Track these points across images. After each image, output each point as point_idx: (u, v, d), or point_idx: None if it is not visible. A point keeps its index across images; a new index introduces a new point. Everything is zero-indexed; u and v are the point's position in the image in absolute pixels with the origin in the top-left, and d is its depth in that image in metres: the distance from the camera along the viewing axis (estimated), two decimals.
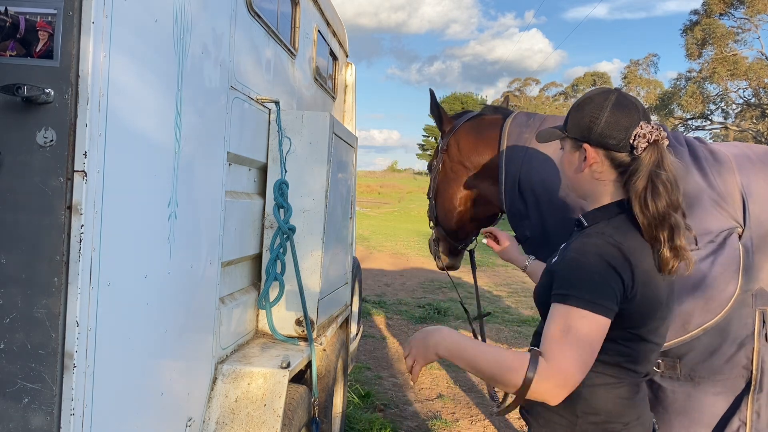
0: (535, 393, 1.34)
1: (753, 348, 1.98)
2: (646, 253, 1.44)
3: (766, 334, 2.00)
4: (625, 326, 1.44)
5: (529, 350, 1.40)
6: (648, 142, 1.46)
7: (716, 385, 2.00)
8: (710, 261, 1.98)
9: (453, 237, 3.09)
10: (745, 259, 2.02)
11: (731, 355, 1.98)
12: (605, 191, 1.55)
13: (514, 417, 4.61)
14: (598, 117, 1.50)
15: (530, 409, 1.61)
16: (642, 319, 1.46)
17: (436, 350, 1.48)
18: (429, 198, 3.17)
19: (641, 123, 1.48)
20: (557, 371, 1.33)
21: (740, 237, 2.05)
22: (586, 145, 1.53)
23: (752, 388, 1.98)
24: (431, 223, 3.19)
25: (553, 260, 1.59)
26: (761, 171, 2.15)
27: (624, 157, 1.50)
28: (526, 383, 1.33)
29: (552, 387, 1.33)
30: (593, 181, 1.55)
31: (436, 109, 3.10)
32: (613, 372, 1.48)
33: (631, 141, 1.47)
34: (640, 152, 1.47)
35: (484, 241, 2.32)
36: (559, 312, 1.39)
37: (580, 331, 1.36)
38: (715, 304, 1.97)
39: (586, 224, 1.54)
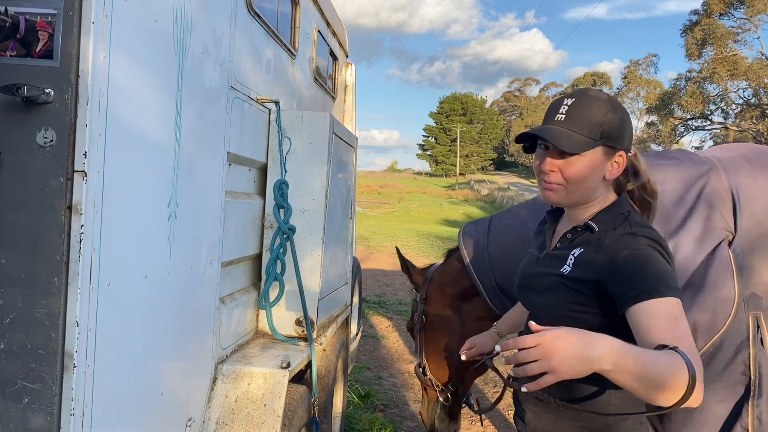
0: (695, 393, 1.13)
1: (749, 353, 1.97)
2: None
3: (761, 338, 1.98)
4: None
5: (672, 348, 1.18)
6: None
7: (717, 392, 1.98)
8: (703, 274, 1.97)
9: (455, 390, 2.76)
10: (738, 264, 2.00)
11: (728, 362, 1.97)
12: (603, 192, 1.54)
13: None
14: (628, 122, 1.52)
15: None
16: None
17: (600, 365, 1.12)
18: (418, 366, 2.85)
19: None
20: (699, 364, 1.17)
21: (731, 243, 2.03)
22: (623, 153, 1.50)
23: (752, 393, 1.96)
24: (435, 390, 2.80)
25: (565, 270, 1.49)
26: (751, 172, 2.13)
27: (630, 158, 1.55)
28: (691, 384, 1.13)
29: (701, 383, 1.15)
30: (603, 183, 1.53)
31: (405, 266, 3.04)
32: None
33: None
34: (632, 152, 1.55)
35: (463, 358, 2.13)
36: (654, 307, 1.24)
37: (683, 318, 1.25)
38: (719, 317, 1.94)
39: (596, 229, 1.48)
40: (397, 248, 3.32)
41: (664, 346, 1.17)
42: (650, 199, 1.58)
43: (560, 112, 1.49)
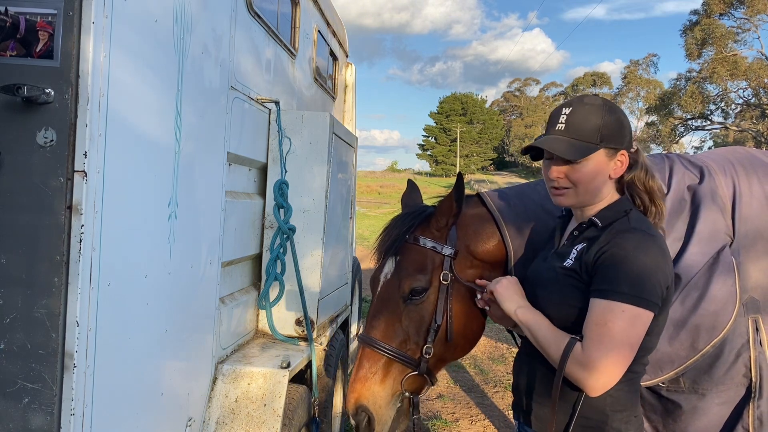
0: (571, 377, 1.44)
1: (750, 356, 2.00)
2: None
3: (760, 340, 2.01)
4: (656, 317, 1.47)
5: (573, 338, 1.46)
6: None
7: (720, 395, 2.01)
8: (707, 277, 1.98)
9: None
10: (737, 267, 2.02)
11: (730, 365, 2.00)
12: (609, 191, 1.60)
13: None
14: (626, 122, 1.59)
15: (541, 419, 1.60)
16: (667, 305, 1.51)
17: (516, 312, 1.58)
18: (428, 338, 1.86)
19: None
20: (589, 363, 1.40)
21: (730, 247, 2.05)
22: (624, 151, 1.57)
23: (753, 395, 1.99)
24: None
25: (567, 263, 1.55)
26: (746, 176, 2.14)
27: (632, 154, 1.60)
28: (561, 366, 1.44)
29: (583, 378, 1.41)
30: (608, 182, 1.59)
31: (459, 194, 1.92)
32: (634, 367, 1.51)
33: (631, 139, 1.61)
34: (634, 149, 1.60)
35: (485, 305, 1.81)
36: (598, 307, 1.43)
37: (612, 324, 1.40)
38: (721, 318, 1.97)
39: (600, 224, 1.55)
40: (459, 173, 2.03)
41: (574, 337, 1.46)
42: (650, 197, 1.61)
43: (560, 121, 1.58)
